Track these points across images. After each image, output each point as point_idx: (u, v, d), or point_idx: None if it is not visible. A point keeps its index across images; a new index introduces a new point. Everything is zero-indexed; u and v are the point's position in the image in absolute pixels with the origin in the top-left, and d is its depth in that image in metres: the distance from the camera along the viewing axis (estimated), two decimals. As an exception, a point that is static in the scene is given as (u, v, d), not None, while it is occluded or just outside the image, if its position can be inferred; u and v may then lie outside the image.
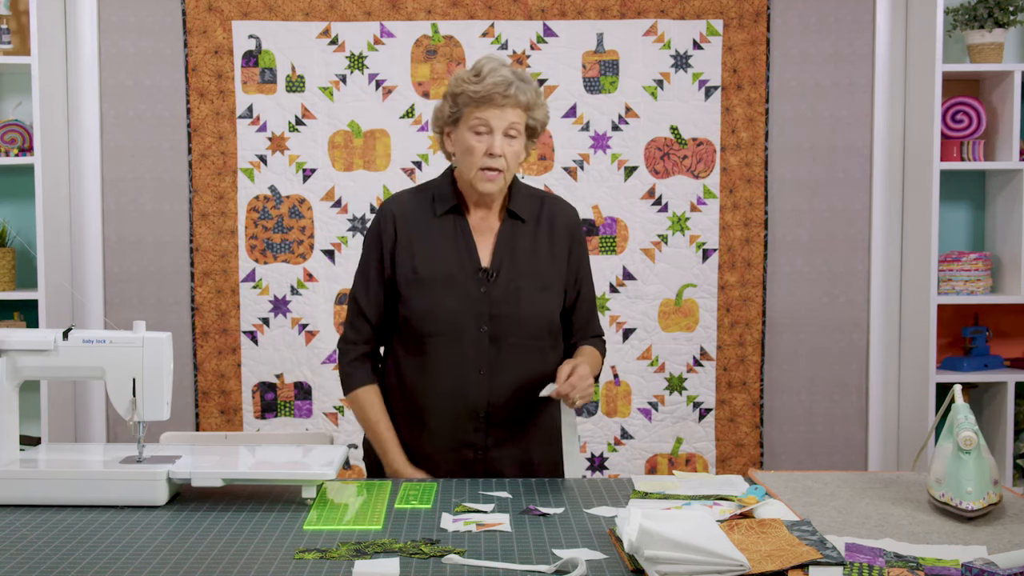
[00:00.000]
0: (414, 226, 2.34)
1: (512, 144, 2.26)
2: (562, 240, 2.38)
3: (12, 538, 1.83)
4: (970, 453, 1.95)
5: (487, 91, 2.23)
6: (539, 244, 2.36)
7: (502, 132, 2.24)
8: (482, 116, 2.24)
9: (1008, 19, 3.67)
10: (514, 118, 2.25)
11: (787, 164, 3.83)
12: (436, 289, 2.30)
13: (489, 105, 2.24)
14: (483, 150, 2.24)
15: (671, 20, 3.78)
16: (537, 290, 2.33)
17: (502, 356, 2.31)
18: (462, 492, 2.14)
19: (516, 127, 2.26)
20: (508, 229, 2.35)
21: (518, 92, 2.24)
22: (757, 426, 3.86)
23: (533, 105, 2.28)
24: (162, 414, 2.15)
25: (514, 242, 2.34)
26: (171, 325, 3.75)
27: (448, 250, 2.32)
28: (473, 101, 2.24)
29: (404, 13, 3.76)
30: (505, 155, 2.25)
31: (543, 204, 2.40)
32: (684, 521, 1.71)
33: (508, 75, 2.24)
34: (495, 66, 2.26)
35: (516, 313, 2.30)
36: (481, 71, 2.25)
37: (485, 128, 2.24)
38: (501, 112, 2.24)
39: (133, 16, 3.73)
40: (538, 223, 2.37)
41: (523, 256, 2.34)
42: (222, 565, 1.68)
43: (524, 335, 2.31)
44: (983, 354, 3.78)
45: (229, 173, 3.78)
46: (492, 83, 2.23)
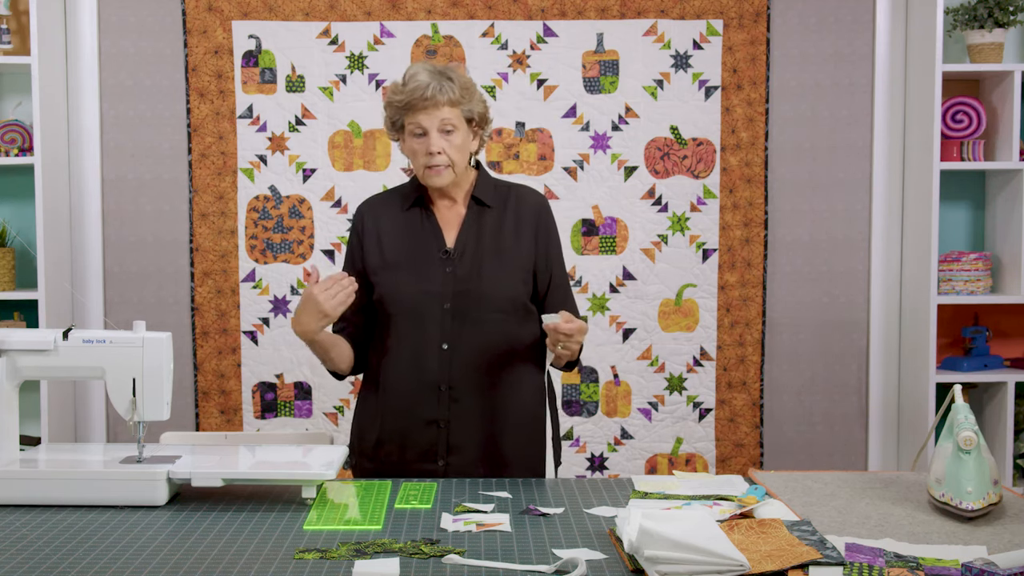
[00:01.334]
0: (382, 219, 2.48)
1: (451, 138, 2.37)
2: (528, 223, 2.46)
3: (12, 538, 1.83)
4: (970, 453, 1.95)
5: (409, 98, 2.35)
6: (504, 226, 2.45)
7: (436, 130, 2.35)
8: (414, 120, 2.36)
9: (1008, 19, 3.67)
10: (445, 115, 2.35)
11: (787, 164, 3.83)
12: (401, 271, 2.41)
13: (416, 110, 2.35)
14: (423, 151, 2.37)
15: (671, 20, 3.78)
16: (500, 267, 2.41)
17: (465, 331, 2.38)
18: (462, 492, 2.15)
19: (449, 123, 2.35)
20: (473, 215, 2.45)
21: (437, 93, 2.33)
22: (757, 426, 3.86)
23: (461, 99, 2.37)
24: (162, 414, 2.15)
25: (479, 226, 2.44)
26: (171, 325, 3.75)
27: (414, 237, 2.44)
28: (402, 110, 2.38)
29: (404, 13, 3.76)
30: (444, 150, 2.36)
31: (509, 191, 2.51)
32: (684, 521, 1.71)
33: (426, 79, 2.34)
34: (416, 70, 2.37)
35: (478, 288, 2.38)
36: (405, 78, 2.38)
37: (420, 130, 2.36)
38: (428, 114, 2.35)
39: (133, 16, 3.73)
40: (504, 208, 2.47)
41: (488, 237, 2.43)
42: (222, 565, 1.68)
43: (487, 310, 2.38)
44: (983, 354, 3.78)
45: (229, 173, 3.78)
46: (411, 89, 2.35)
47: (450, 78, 2.37)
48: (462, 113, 2.38)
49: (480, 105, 2.43)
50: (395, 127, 2.43)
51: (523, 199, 2.49)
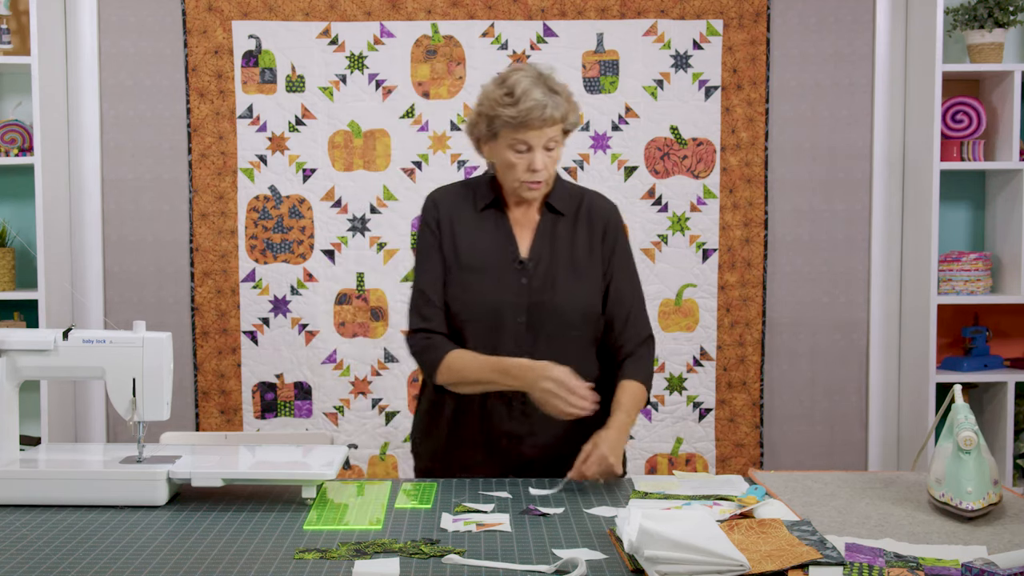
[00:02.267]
0: (457, 216, 2.37)
1: (553, 154, 2.29)
2: (599, 233, 2.39)
3: (12, 538, 1.83)
4: (970, 453, 1.95)
5: (523, 116, 2.22)
6: (577, 236, 2.37)
7: (542, 148, 2.26)
8: (519, 137, 2.25)
9: (1008, 19, 3.67)
10: (552, 134, 2.26)
11: (787, 164, 3.83)
12: (476, 277, 2.33)
13: (526, 129, 2.23)
14: (524, 167, 2.27)
15: (671, 20, 3.78)
16: (574, 280, 2.34)
17: (539, 345, 2.30)
18: (462, 492, 2.14)
19: (555, 139, 2.28)
20: (547, 222, 2.37)
21: (554, 111, 2.23)
22: (757, 426, 3.86)
23: (567, 114, 2.28)
24: (162, 414, 2.15)
25: (553, 235, 2.36)
26: (171, 325, 3.75)
27: (488, 241, 2.35)
28: (509, 125, 2.24)
29: (404, 13, 3.76)
30: (546, 167, 2.28)
31: (583, 198, 2.42)
32: (684, 521, 1.71)
33: (541, 97, 2.22)
34: (527, 86, 2.23)
35: (552, 301, 2.30)
36: (514, 91, 2.23)
37: (524, 147, 2.26)
38: (539, 132, 2.24)
39: (133, 16, 3.73)
40: (576, 216, 2.39)
41: (561, 247, 2.35)
42: (222, 565, 1.68)
43: (561, 324, 2.31)
44: (983, 354, 3.78)
45: (229, 173, 3.78)
46: (527, 108, 2.22)
47: (557, 91, 2.26)
48: (564, 127, 2.30)
49: (576, 115, 2.33)
50: (488, 134, 2.30)
51: (595, 207, 2.41)
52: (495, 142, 2.30)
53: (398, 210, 3.79)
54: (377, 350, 3.81)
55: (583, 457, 2.18)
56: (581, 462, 2.18)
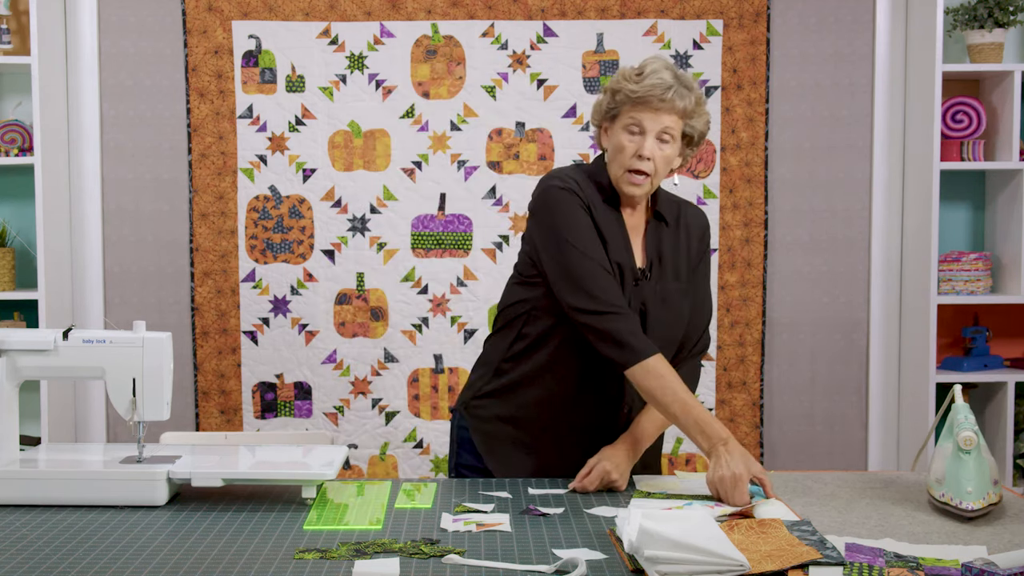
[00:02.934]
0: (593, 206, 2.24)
1: (664, 148, 2.19)
2: (696, 247, 2.35)
3: (12, 538, 1.83)
4: (970, 453, 1.95)
5: (645, 92, 2.15)
6: (679, 249, 2.32)
7: (655, 135, 2.17)
8: (636, 116, 2.17)
9: (1008, 19, 3.67)
10: (669, 122, 2.17)
11: (787, 164, 3.83)
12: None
13: (645, 107, 2.16)
14: (633, 150, 2.18)
15: (671, 20, 3.78)
16: (681, 294, 2.30)
17: None
18: (462, 492, 2.14)
19: (670, 131, 2.18)
20: (653, 230, 2.30)
21: (676, 97, 2.16)
22: (757, 426, 3.86)
23: (692, 112, 2.20)
24: (162, 414, 2.15)
25: (660, 244, 2.31)
26: (171, 325, 3.75)
27: (617, 240, 2.26)
28: (630, 100, 2.18)
29: (404, 13, 3.76)
30: (654, 158, 2.18)
31: (680, 208, 2.37)
32: (684, 521, 1.71)
33: (668, 79, 2.16)
34: (658, 67, 2.18)
35: (658, 314, 2.25)
36: (643, 70, 2.19)
37: (638, 128, 2.18)
38: (656, 115, 2.16)
39: (133, 16, 3.73)
40: (677, 226, 2.34)
41: (667, 259, 2.30)
42: (222, 565, 1.68)
43: (662, 337, 2.24)
44: (983, 354, 3.78)
45: (229, 173, 3.78)
46: (650, 84, 2.15)
47: (689, 87, 2.19)
48: (684, 126, 2.20)
49: (703, 125, 2.25)
50: (608, 114, 2.23)
51: (692, 221, 2.36)
52: (613, 124, 2.23)
53: (398, 210, 3.79)
54: (377, 350, 3.81)
55: (586, 470, 2.17)
56: (583, 475, 2.16)
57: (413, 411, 3.82)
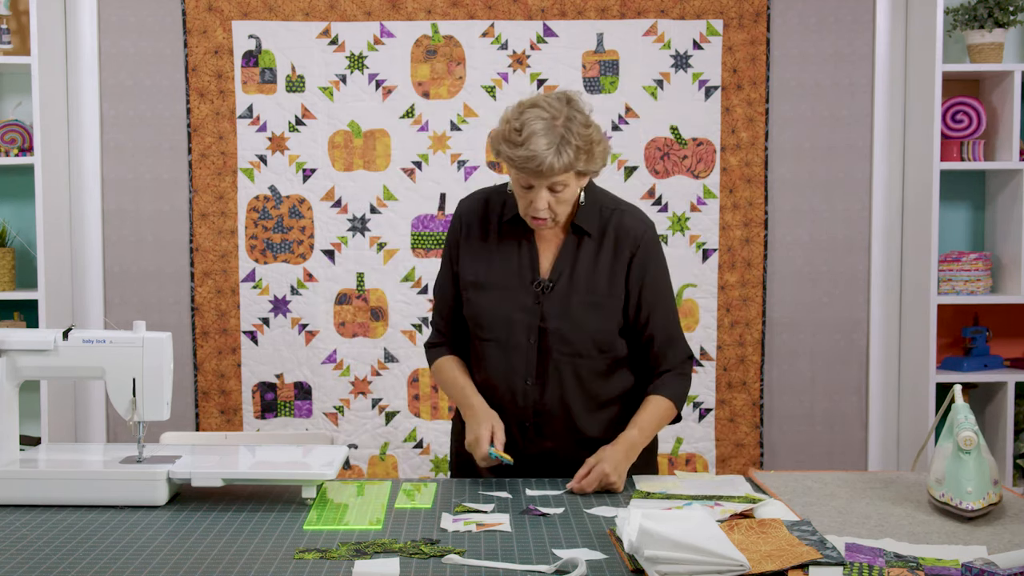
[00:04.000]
0: (481, 229, 2.35)
1: (560, 195, 2.18)
2: (624, 257, 2.30)
3: (12, 538, 1.83)
4: (970, 453, 1.95)
5: (521, 164, 2.13)
6: (601, 259, 2.30)
7: (545, 189, 2.17)
8: (523, 176, 2.17)
9: (1008, 19, 3.67)
10: (557, 178, 2.15)
11: (787, 164, 3.83)
12: (493, 295, 2.31)
13: (527, 173, 2.15)
14: (526, 204, 2.21)
15: (671, 20, 3.78)
16: (589, 307, 2.28)
17: (549, 369, 2.29)
18: (462, 492, 2.14)
19: (561, 183, 2.16)
20: (571, 243, 2.30)
21: (554, 160, 2.11)
22: (757, 426, 3.86)
23: (575, 162, 2.14)
24: (162, 414, 2.15)
25: (576, 256, 2.30)
26: (171, 325, 3.75)
27: (510, 257, 2.31)
28: (512, 163, 2.16)
29: (404, 13, 3.76)
30: (551, 205, 2.19)
31: (611, 217, 2.31)
32: (684, 521, 1.71)
33: (543, 149, 2.10)
34: (534, 131, 2.12)
35: (563, 328, 2.27)
36: (521, 131, 2.13)
37: (527, 184, 2.18)
38: (539, 177, 2.15)
39: (133, 16, 3.73)
40: (603, 237, 2.31)
41: (582, 271, 2.29)
42: (222, 565, 1.68)
43: (570, 351, 2.28)
44: (983, 354, 3.78)
45: (229, 173, 3.78)
46: (525, 157, 2.12)
47: (569, 141, 2.12)
48: (576, 170, 2.16)
49: (600, 160, 2.20)
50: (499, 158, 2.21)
51: (623, 229, 2.31)
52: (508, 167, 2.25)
53: (398, 210, 3.79)
54: (377, 350, 3.81)
55: (584, 471, 2.17)
56: (582, 476, 2.17)
57: (413, 411, 3.82)
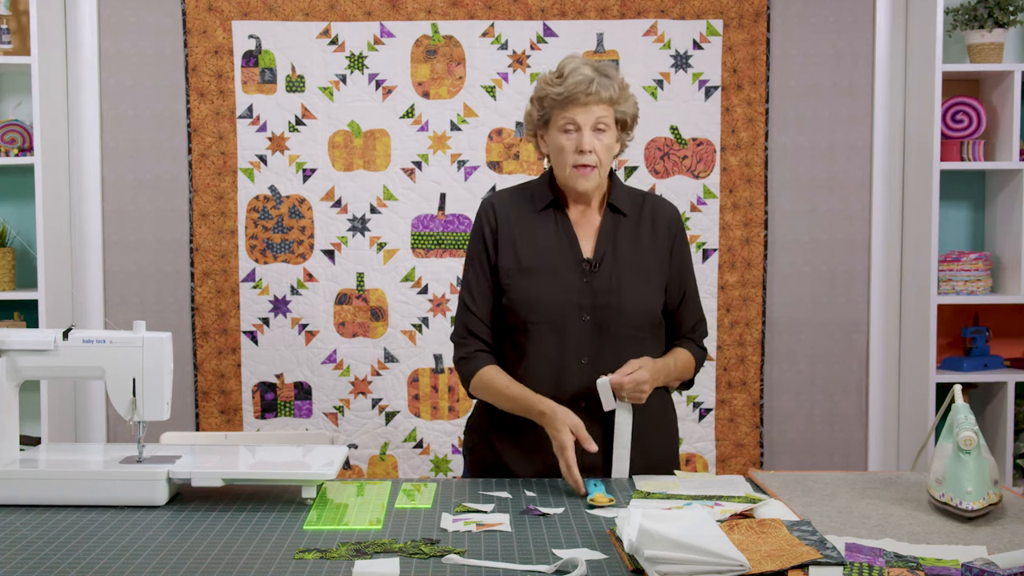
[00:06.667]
0: (516, 218, 2.37)
1: (602, 138, 2.28)
2: (663, 236, 2.38)
3: (12, 538, 1.83)
4: (970, 453, 1.95)
5: (569, 91, 2.25)
6: (640, 238, 2.37)
7: (590, 128, 2.27)
8: (568, 115, 2.26)
9: (1008, 19, 3.67)
10: (600, 113, 2.27)
11: (787, 164, 3.83)
12: (539, 278, 2.31)
13: (573, 105, 2.26)
14: (573, 147, 2.27)
15: (671, 20, 3.78)
16: (639, 282, 2.33)
17: (604, 346, 2.30)
18: (462, 492, 2.14)
19: (604, 121, 2.27)
20: (609, 223, 2.37)
21: (600, 88, 2.25)
22: (757, 426, 3.86)
23: (618, 99, 2.29)
24: (162, 414, 2.15)
25: (615, 235, 2.36)
26: (171, 325, 3.75)
27: (550, 242, 2.35)
28: (558, 103, 2.27)
29: (404, 13, 3.76)
30: (595, 150, 2.27)
31: (644, 200, 2.42)
32: (684, 521, 1.71)
33: (589, 73, 2.25)
34: (576, 65, 2.28)
35: (618, 303, 2.29)
36: (563, 71, 2.28)
37: (573, 126, 2.27)
38: (585, 109, 2.25)
39: (133, 16, 3.73)
40: (639, 217, 2.38)
41: (624, 248, 2.35)
42: (222, 565, 1.68)
43: (626, 326, 2.31)
44: (983, 354, 3.78)
45: (229, 173, 3.78)
46: (574, 83, 2.25)
47: (609, 75, 2.28)
48: (615, 114, 2.29)
49: (632, 108, 2.34)
50: (540, 121, 2.33)
51: (658, 209, 2.40)
52: (547, 130, 2.33)
53: (398, 210, 3.79)
54: (377, 350, 3.81)
55: (629, 369, 2.20)
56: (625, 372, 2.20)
57: (413, 411, 3.82)
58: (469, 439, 2.49)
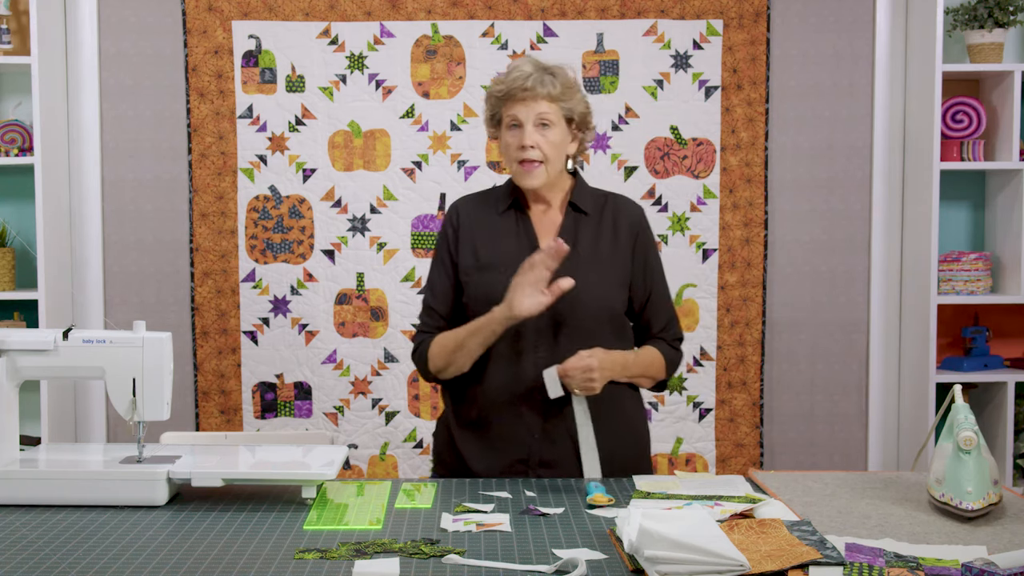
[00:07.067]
0: (478, 220, 2.42)
1: (547, 134, 2.30)
2: (625, 236, 2.40)
3: (12, 538, 1.83)
4: (970, 453, 1.95)
5: (509, 87, 2.31)
6: (602, 236, 2.38)
7: (532, 123, 2.30)
8: (511, 112, 2.31)
9: (1008, 19, 3.67)
10: (542, 109, 2.29)
11: (787, 164, 3.83)
12: (497, 275, 2.33)
13: (513, 100, 2.31)
14: (516, 143, 2.31)
15: (671, 20, 3.78)
16: (597, 278, 2.34)
17: (561, 341, 2.31)
18: (462, 492, 2.15)
19: (547, 117, 2.30)
20: (571, 221, 2.39)
21: (538, 84, 2.29)
22: (757, 426, 3.86)
23: (561, 96, 2.31)
24: (162, 414, 2.15)
25: (576, 233, 2.37)
26: (171, 325, 3.75)
27: (509, 240, 2.38)
28: (501, 100, 2.33)
29: (404, 13, 3.76)
30: (539, 145, 2.30)
31: (607, 200, 2.44)
32: (684, 521, 1.71)
33: (529, 69, 2.30)
34: (519, 63, 2.34)
35: (575, 299, 2.29)
36: (508, 71, 2.35)
37: (516, 123, 2.31)
38: (526, 105, 2.29)
39: (133, 16, 3.73)
40: (601, 217, 2.40)
41: (584, 246, 2.36)
42: (222, 565, 1.68)
43: (583, 321, 2.31)
44: (983, 354, 3.78)
45: (229, 173, 3.78)
46: (512, 79, 2.31)
47: (552, 73, 2.32)
48: (561, 110, 2.31)
49: (581, 105, 2.36)
50: (493, 120, 2.38)
51: (621, 209, 2.42)
52: (499, 130, 2.37)
53: (398, 210, 3.79)
54: (377, 350, 3.81)
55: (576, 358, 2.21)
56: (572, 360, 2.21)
57: (413, 411, 3.82)
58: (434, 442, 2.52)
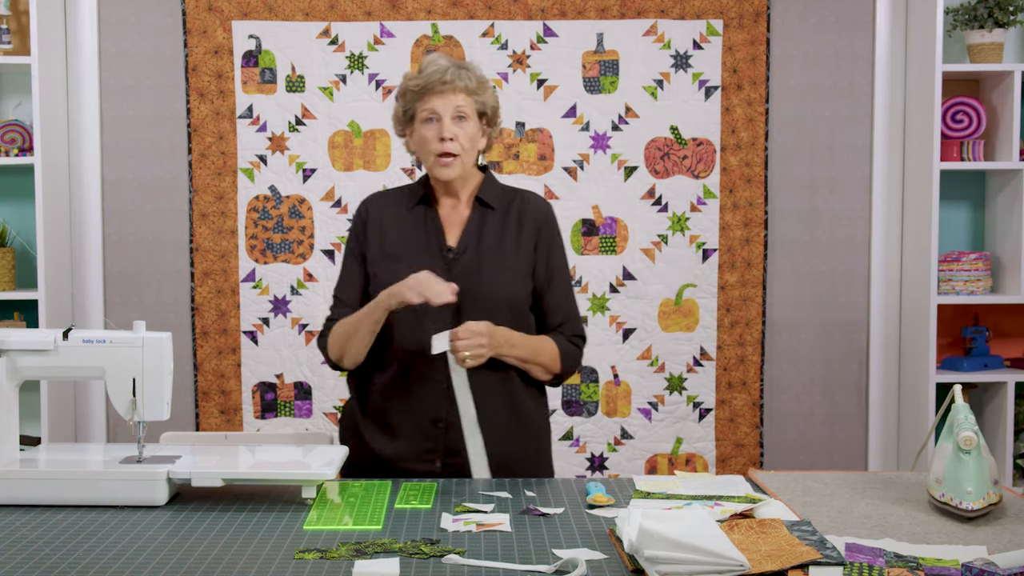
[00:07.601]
0: (387, 214, 2.46)
1: (463, 127, 2.36)
2: (530, 231, 2.44)
3: (12, 538, 1.83)
4: (970, 453, 1.95)
5: (426, 80, 2.34)
6: (507, 230, 2.43)
7: (450, 116, 2.34)
8: (428, 106, 2.35)
9: (1008, 19, 3.67)
10: (459, 102, 2.35)
11: (787, 164, 3.83)
12: (401, 264, 2.36)
13: (431, 94, 2.34)
14: (435, 136, 2.35)
15: (671, 20, 3.78)
16: (499, 269, 2.39)
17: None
18: (462, 492, 2.15)
19: (463, 110, 2.35)
20: (477, 215, 2.44)
21: (455, 78, 2.34)
22: (757, 426, 3.86)
23: (476, 89, 2.37)
24: (162, 414, 2.15)
25: (481, 227, 2.42)
26: (171, 325, 3.75)
27: (417, 233, 2.43)
28: (418, 95, 2.36)
29: (404, 13, 3.76)
30: (457, 138, 2.34)
31: (515, 196, 2.48)
32: (684, 521, 1.71)
33: (445, 63, 2.36)
34: (433, 58, 2.39)
35: (477, 289, 2.34)
36: (421, 67, 2.39)
37: (434, 115, 2.35)
38: (443, 98, 2.34)
39: (133, 16, 3.74)
40: (508, 212, 2.45)
41: (488, 239, 2.41)
42: (222, 565, 1.68)
43: (484, 310, 2.33)
44: (983, 354, 3.78)
45: (229, 173, 3.78)
46: (429, 73, 2.35)
47: (466, 68, 2.38)
48: (475, 104, 2.37)
49: (493, 99, 2.43)
50: (405, 117, 2.41)
51: (527, 205, 2.46)
52: (413, 126, 2.40)
53: (398, 210, 3.79)
54: (377, 350, 3.80)
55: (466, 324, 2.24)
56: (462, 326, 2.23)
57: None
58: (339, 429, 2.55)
